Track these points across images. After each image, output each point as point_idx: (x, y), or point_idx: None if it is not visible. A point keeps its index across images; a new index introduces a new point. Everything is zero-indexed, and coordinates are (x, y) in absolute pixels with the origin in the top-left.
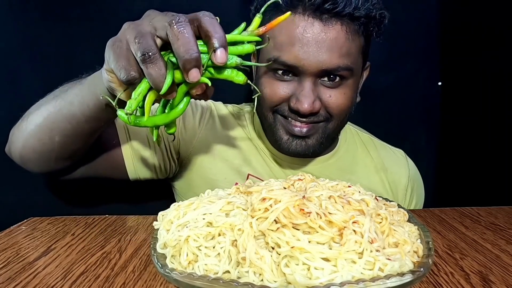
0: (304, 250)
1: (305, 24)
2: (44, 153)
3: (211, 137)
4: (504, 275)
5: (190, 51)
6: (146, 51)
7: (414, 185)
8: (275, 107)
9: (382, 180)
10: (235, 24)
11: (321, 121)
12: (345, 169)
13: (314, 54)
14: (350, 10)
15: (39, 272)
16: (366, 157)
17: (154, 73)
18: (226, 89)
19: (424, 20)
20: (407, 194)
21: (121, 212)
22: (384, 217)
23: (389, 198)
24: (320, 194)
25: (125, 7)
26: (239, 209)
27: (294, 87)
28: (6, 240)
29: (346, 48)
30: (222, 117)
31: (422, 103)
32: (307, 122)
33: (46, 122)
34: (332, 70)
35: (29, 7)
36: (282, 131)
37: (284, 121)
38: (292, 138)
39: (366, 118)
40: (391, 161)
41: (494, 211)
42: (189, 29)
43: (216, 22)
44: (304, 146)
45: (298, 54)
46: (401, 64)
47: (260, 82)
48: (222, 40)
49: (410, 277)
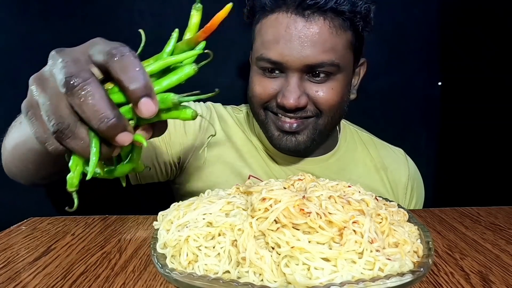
0: (304, 250)
1: (288, 21)
2: (23, 175)
3: (211, 140)
4: (504, 275)
5: (103, 120)
6: (59, 127)
7: (414, 184)
8: (264, 104)
9: (382, 179)
10: (235, 23)
11: (310, 117)
12: (345, 168)
13: (297, 50)
14: (332, 4)
15: (39, 272)
16: (366, 157)
17: (77, 147)
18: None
19: (424, 20)
20: (407, 193)
21: (121, 212)
22: (384, 217)
23: (389, 197)
24: (320, 194)
25: (125, 7)
26: (239, 209)
27: (281, 84)
28: (6, 240)
29: (330, 43)
30: (222, 119)
31: (422, 103)
32: (296, 118)
33: (15, 152)
34: (316, 65)
35: (29, 7)
36: (273, 127)
37: (274, 118)
38: (283, 134)
39: (366, 118)
40: (391, 160)
41: (494, 211)
42: (95, 86)
43: (131, 61)
44: (295, 142)
45: (282, 50)
46: (401, 64)
47: (251, 81)
48: (142, 89)
49: (410, 277)
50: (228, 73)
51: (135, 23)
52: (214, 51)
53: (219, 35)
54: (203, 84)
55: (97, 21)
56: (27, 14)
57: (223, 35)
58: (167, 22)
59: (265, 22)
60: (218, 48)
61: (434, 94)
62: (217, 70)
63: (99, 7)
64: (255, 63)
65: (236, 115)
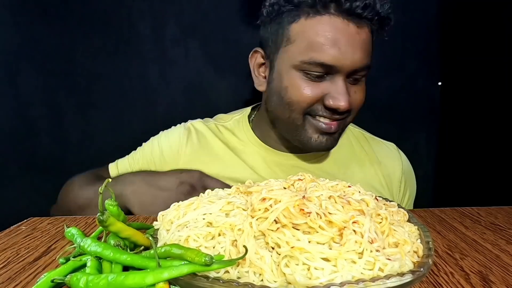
0: (304, 250)
1: (342, 25)
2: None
3: (196, 162)
4: (504, 275)
5: None
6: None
7: (407, 177)
8: (307, 108)
9: (377, 173)
10: (234, 22)
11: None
12: (341, 163)
13: (351, 54)
14: (373, 14)
15: (39, 272)
16: (361, 151)
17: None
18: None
19: (424, 20)
20: (401, 186)
21: None
22: (384, 217)
23: (384, 191)
24: (320, 194)
25: (125, 7)
26: (239, 209)
27: (327, 86)
28: (6, 240)
29: (370, 48)
30: (202, 136)
31: (422, 103)
32: (338, 119)
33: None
34: (361, 68)
35: (29, 7)
36: (311, 131)
37: (314, 121)
38: (323, 136)
39: (366, 118)
40: (384, 154)
41: (494, 211)
42: None
43: None
44: (333, 141)
45: (335, 54)
46: (401, 64)
47: (288, 86)
48: None
49: (410, 277)
50: (229, 75)
51: (135, 23)
52: (215, 51)
53: (219, 35)
54: (205, 86)
55: (97, 21)
56: (27, 14)
57: (223, 34)
58: (167, 22)
59: (313, 24)
60: (218, 49)
61: (434, 94)
62: (217, 70)
63: (99, 7)
64: (296, 66)
65: (223, 124)
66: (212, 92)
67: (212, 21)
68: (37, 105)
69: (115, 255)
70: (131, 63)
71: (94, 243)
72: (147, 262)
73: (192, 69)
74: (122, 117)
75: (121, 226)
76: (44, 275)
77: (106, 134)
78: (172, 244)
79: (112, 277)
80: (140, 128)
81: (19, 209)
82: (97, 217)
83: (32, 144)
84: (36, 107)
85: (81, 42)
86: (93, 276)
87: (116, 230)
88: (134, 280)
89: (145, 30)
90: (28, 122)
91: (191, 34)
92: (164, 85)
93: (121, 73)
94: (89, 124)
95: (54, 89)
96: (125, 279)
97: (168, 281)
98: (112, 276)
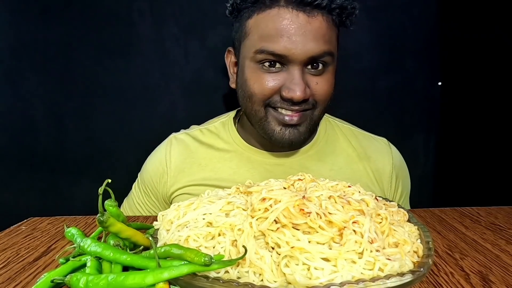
0: (304, 250)
1: (290, 15)
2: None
3: (183, 172)
4: (504, 275)
5: None
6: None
7: (399, 172)
8: (267, 100)
9: (365, 169)
10: None
11: (308, 109)
12: (326, 159)
13: (302, 43)
14: (328, 2)
15: (39, 272)
16: (348, 147)
17: None
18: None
19: (424, 20)
20: (392, 182)
21: None
22: (384, 217)
23: (374, 186)
24: (320, 194)
25: (125, 7)
26: (239, 209)
27: (283, 77)
28: (6, 240)
29: (328, 36)
30: (185, 146)
31: (422, 103)
32: (298, 111)
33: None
34: (318, 56)
35: (29, 7)
36: (274, 123)
37: (276, 113)
38: (285, 128)
39: (366, 118)
40: (373, 149)
41: (494, 211)
42: None
43: None
44: (297, 134)
45: (286, 44)
46: (401, 64)
47: (247, 79)
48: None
49: (410, 277)
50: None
51: (135, 23)
52: (215, 51)
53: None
54: (204, 84)
55: (97, 21)
56: (27, 15)
57: (223, 34)
58: (167, 22)
59: (264, 17)
60: (218, 48)
61: (434, 94)
62: (217, 70)
63: (99, 7)
64: (251, 58)
65: (207, 127)
66: (212, 92)
67: (212, 21)
68: (37, 105)
69: (115, 255)
70: (131, 63)
71: (94, 243)
72: (147, 262)
73: (192, 69)
74: (122, 116)
75: (121, 226)
76: (44, 275)
77: (106, 134)
78: (172, 244)
79: (112, 277)
80: (140, 127)
81: (19, 209)
82: (97, 218)
83: (32, 144)
84: (36, 107)
85: (81, 42)
86: (93, 276)
87: (116, 231)
88: (134, 280)
89: (145, 30)
90: (28, 122)
91: (191, 34)
92: (164, 85)
93: (121, 73)
94: (89, 124)
95: (54, 89)
96: (125, 279)
97: (168, 281)
98: (112, 276)
